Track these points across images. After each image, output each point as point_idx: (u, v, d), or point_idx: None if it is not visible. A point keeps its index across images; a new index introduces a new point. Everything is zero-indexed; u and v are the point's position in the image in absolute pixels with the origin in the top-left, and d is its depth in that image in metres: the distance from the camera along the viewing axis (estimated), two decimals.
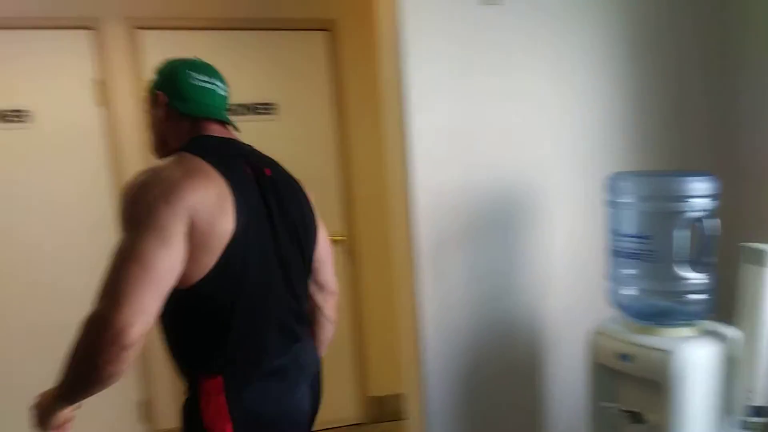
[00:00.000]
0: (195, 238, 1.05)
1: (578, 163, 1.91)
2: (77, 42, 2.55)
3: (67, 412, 1.14)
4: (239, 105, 2.73)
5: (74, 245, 2.60)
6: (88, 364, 0.99)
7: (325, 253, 1.45)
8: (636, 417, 1.51)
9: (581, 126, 1.90)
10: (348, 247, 2.96)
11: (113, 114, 2.60)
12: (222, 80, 1.35)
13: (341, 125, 2.87)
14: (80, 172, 2.60)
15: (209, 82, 1.31)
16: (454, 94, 1.77)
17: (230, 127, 1.35)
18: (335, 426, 3.03)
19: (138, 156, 2.63)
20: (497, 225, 1.84)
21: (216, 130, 1.29)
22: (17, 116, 2.51)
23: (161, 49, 2.62)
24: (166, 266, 1.01)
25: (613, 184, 1.61)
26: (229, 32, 2.71)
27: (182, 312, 1.13)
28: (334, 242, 2.91)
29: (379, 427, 3.02)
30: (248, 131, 2.68)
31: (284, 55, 2.79)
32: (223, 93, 1.35)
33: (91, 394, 1.04)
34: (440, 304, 1.82)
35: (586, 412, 1.69)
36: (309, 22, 2.79)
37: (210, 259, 1.08)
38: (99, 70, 2.57)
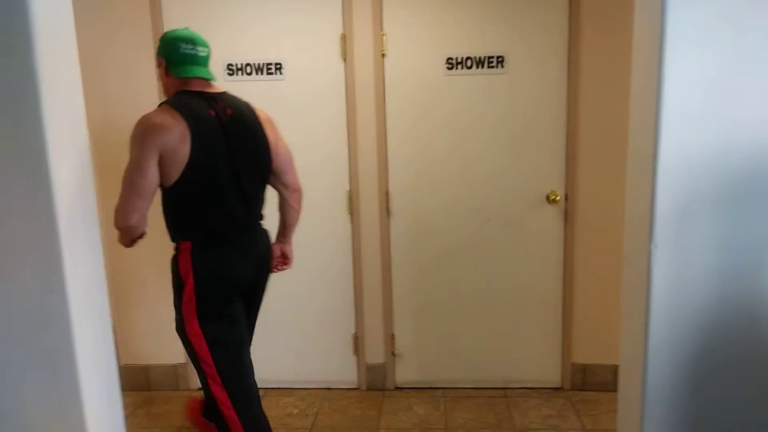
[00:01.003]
0: (163, 161, 1.75)
1: None
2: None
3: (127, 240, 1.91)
4: (468, 57, 2.76)
5: (312, 185, 2.92)
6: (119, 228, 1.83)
7: (284, 162, 2.10)
8: None
9: None
10: (564, 208, 2.86)
11: (350, 68, 2.81)
12: (203, 44, 1.92)
13: (572, 80, 2.74)
14: (321, 123, 2.87)
15: (192, 49, 1.87)
16: (720, 40, 1.55)
17: (209, 81, 1.95)
18: (534, 387, 3.02)
19: (371, 108, 2.82)
20: (760, 194, 1.61)
21: (195, 85, 1.89)
22: (272, 69, 2.85)
23: (399, 3, 2.74)
24: (143, 182, 1.73)
25: None
26: None
27: (169, 200, 1.88)
28: (551, 202, 2.84)
29: (580, 395, 2.95)
30: (474, 86, 2.75)
31: (516, 3, 2.72)
32: (203, 55, 1.92)
33: (131, 239, 1.88)
34: (676, 277, 1.67)
35: None
36: None
37: (176, 172, 1.77)
38: (346, 25, 2.77)
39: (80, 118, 1.50)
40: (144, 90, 2.82)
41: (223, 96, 1.96)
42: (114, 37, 2.81)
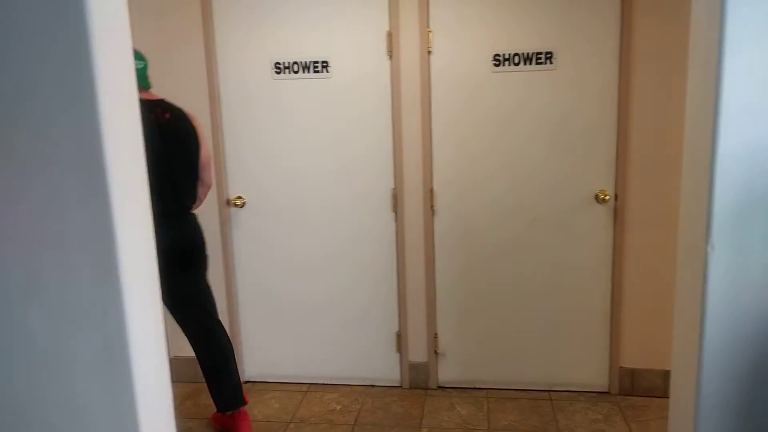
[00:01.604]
0: None
1: None
2: None
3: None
4: (515, 54, 2.71)
5: (356, 181, 2.94)
6: None
7: (205, 161, 2.50)
8: None
9: None
10: (614, 208, 2.78)
11: (396, 65, 2.80)
12: (139, 59, 2.26)
13: (623, 75, 2.66)
14: (367, 120, 2.88)
15: (135, 64, 2.11)
16: None
17: (148, 90, 2.36)
18: (580, 390, 2.96)
19: (416, 106, 2.81)
20: None
21: (140, 94, 2.13)
22: (319, 67, 2.88)
23: (446, 0, 2.73)
24: None
25: None
26: None
27: None
28: (600, 201, 2.77)
29: (628, 401, 2.86)
30: (521, 82, 2.70)
31: None
32: (140, 67, 2.25)
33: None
34: (733, 280, 1.60)
35: None
36: None
37: None
38: (392, 22, 2.77)
39: (134, 113, 1.55)
40: (195, 94, 2.90)
41: (161, 102, 2.35)
42: (169, 47, 2.90)
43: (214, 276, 3.07)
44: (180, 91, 2.92)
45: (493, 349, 3.00)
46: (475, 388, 3.04)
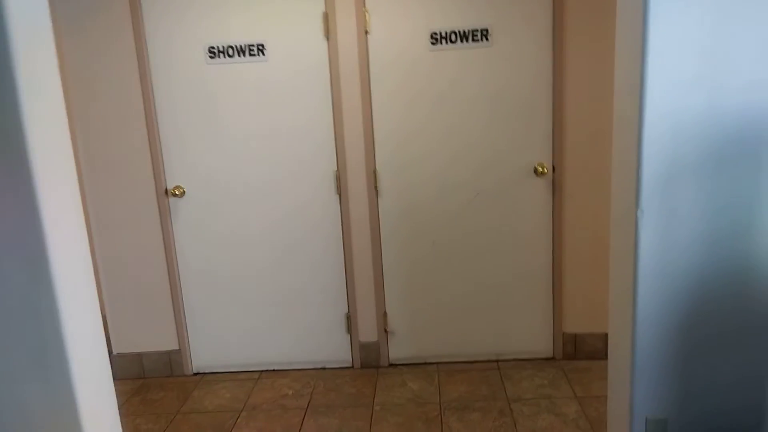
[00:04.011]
0: None
1: None
2: None
3: None
4: (452, 32, 2.73)
5: (299, 165, 2.90)
6: None
7: None
8: None
9: None
10: (552, 180, 2.86)
11: (334, 46, 2.77)
12: None
13: (557, 50, 2.72)
14: (306, 103, 2.84)
15: None
16: (706, 2, 1.54)
17: None
18: (527, 358, 3.06)
19: (355, 88, 2.79)
20: (746, 157, 1.62)
21: None
22: (255, 50, 2.80)
23: None
24: None
25: None
26: None
27: None
28: (539, 174, 2.84)
29: (572, 365, 2.98)
30: (459, 60, 2.73)
31: None
32: None
33: None
34: (663, 242, 1.69)
35: None
36: None
37: None
38: (328, 3, 2.73)
39: (60, 111, 1.47)
40: (126, 84, 2.78)
41: None
42: (99, 37, 2.75)
43: (156, 269, 2.99)
44: (111, 82, 2.79)
45: (441, 323, 3.06)
46: (425, 363, 3.09)
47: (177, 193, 2.91)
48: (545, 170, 2.83)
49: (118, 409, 1.69)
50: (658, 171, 1.64)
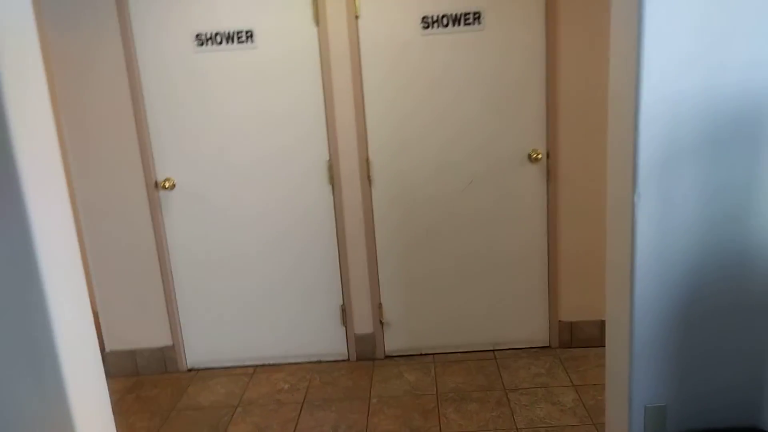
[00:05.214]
0: None
1: None
2: None
3: None
4: (443, 15, 2.68)
5: (290, 155, 2.86)
6: None
7: None
8: None
9: None
10: (547, 166, 2.84)
11: (324, 32, 2.72)
12: None
13: (550, 33, 2.69)
14: (297, 91, 2.79)
15: None
16: None
17: None
18: (523, 347, 3.05)
19: (346, 74, 2.75)
20: (743, 138, 1.59)
21: None
22: (243, 37, 2.75)
23: None
24: None
25: None
26: None
27: None
28: (533, 160, 2.82)
29: (568, 353, 2.97)
30: (451, 45, 2.69)
31: None
32: None
33: None
34: (660, 226, 1.66)
35: None
36: None
37: None
38: None
39: (44, 98, 1.42)
40: (113, 75, 2.72)
41: None
42: (83, 30, 2.69)
43: (147, 265, 2.94)
44: (98, 73, 2.73)
45: (437, 314, 3.03)
46: (421, 354, 3.07)
47: (167, 185, 2.86)
48: (539, 156, 2.80)
49: (112, 407, 1.66)
50: (655, 154, 1.61)
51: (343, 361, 3.07)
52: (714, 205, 1.64)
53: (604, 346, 2.88)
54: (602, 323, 2.95)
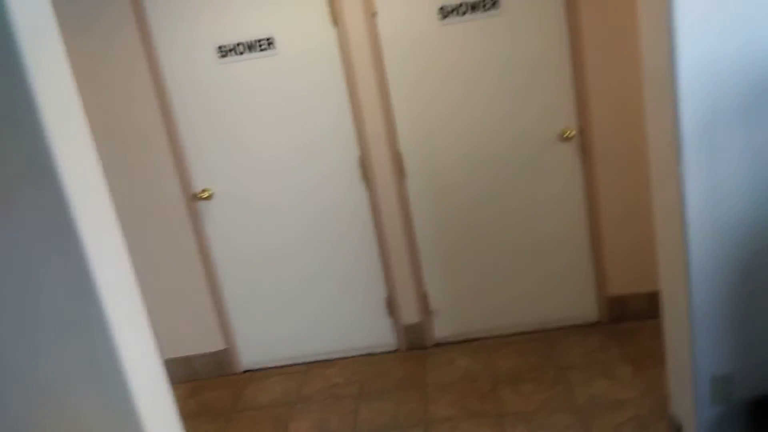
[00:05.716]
0: None
1: None
2: None
3: None
4: (460, 3, 2.66)
5: (321, 157, 2.88)
6: None
7: None
8: None
9: None
10: (580, 144, 2.80)
11: (342, 32, 2.72)
12: None
13: (571, 10, 2.63)
14: (321, 92, 2.80)
15: None
16: None
17: None
18: (572, 324, 3.03)
19: (369, 71, 2.75)
20: None
21: None
22: (264, 44, 2.78)
23: None
24: None
25: None
26: None
27: None
28: (565, 139, 2.78)
29: (619, 327, 2.95)
30: (471, 32, 2.66)
31: None
32: None
33: None
34: (712, 194, 1.63)
35: None
36: None
37: None
38: None
39: (82, 122, 1.47)
40: (141, 93, 2.78)
41: None
42: (104, 47, 2.75)
43: (193, 275, 3.02)
44: (125, 92, 2.79)
45: (483, 298, 3.04)
46: (470, 340, 3.08)
47: (205, 196, 2.92)
48: (572, 134, 2.77)
49: (177, 413, 1.72)
50: (700, 123, 1.58)
51: (394, 351, 3.11)
52: (766, 168, 1.60)
53: (655, 318, 2.86)
54: (651, 295, 2.91)
